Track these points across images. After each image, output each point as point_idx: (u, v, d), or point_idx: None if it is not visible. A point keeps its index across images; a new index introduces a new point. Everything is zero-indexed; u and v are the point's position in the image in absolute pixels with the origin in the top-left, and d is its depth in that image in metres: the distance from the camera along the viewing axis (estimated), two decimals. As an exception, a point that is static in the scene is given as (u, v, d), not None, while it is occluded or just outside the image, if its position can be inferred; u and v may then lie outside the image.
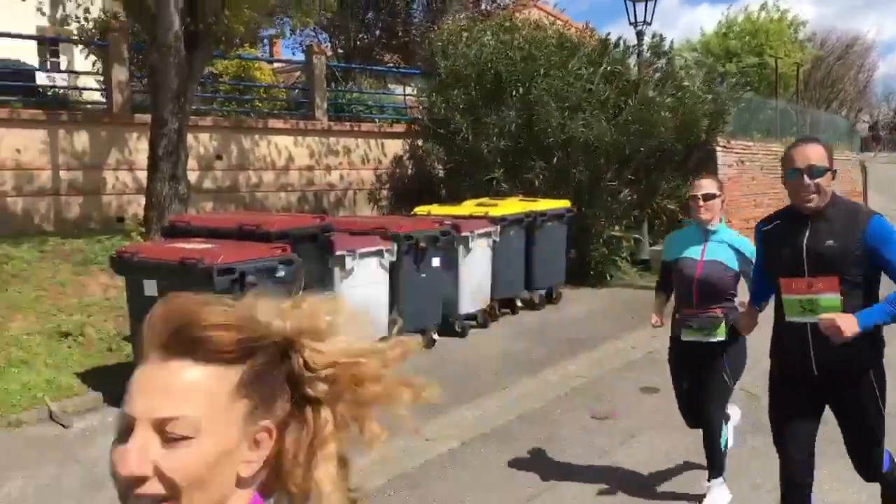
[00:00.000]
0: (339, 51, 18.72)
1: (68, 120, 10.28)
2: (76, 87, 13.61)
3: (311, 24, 16.13)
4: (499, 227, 8.92)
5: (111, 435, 1.01)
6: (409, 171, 13.89)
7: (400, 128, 14.07)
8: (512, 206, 9.59)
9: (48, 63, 19.45)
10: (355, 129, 13.63)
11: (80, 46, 14.38)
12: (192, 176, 10.13)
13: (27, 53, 16.16)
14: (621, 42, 12.33)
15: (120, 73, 10.83)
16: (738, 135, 15.32)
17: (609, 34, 12.93)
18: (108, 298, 7.86)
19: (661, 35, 12.97)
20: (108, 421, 5.87)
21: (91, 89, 13.08)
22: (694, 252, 4.18)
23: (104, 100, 11.48)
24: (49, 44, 18.94)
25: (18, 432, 5.70)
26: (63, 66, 19.39)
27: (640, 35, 12.75)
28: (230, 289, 5.60)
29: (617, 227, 11.67)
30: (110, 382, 6.46)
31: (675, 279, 4.29)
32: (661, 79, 12.12)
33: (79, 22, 12.35)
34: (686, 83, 11.99)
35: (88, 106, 12.00)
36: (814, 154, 3.13)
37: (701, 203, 4.16)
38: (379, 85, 17.61)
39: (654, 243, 11.99)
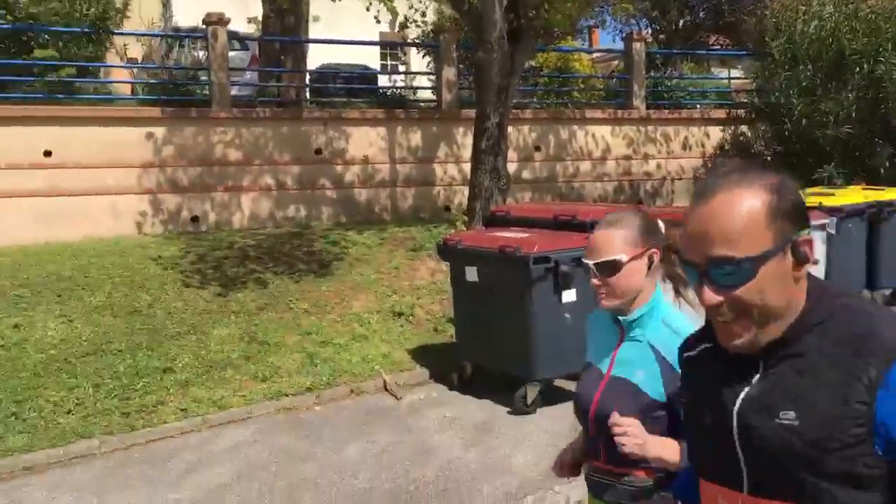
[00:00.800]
0: (661, 36, 18.24)
1: (405, 118, 11.24)
2: (411, 87, 14.80)
3: (630, 10, 15.92)
4: (835, 218, 8.10)
5: (437, 408, 1.06)
6: (733, 159, 13.13)
7: (723, 113, 13.36)
8: (852, 195, 8.66)
9: (388, 66, 21.46)
10: (675, 116, 13.21)
11: (416, 49, 15.63)
12: (512, 167, 10.53)
13: (371, 58, 17.97)
14: None
15: (449, 73, 11.59)
16: None
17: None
18: (435, 282, 8.47)
19: None
20: (433, 396, 6.37)
21: (423, 88, 14.15)
22: (601, 360, 2.20)
23: (435, 98, 12.36)
24: (389, 48, 20.84)
25: (360, 400, 6.38)
26: (401, 69, 21.24)
27: None
28: (544, 276, 5.75)
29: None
30: (435, 360, 6.98)
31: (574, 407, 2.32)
32: None
33: (416, 26, 13.39)
34: None
35: (421, 104, 12.99)
36: (719, 232, 1.29)
37: (595, 280, 2.13)
38: (701, 69, 16.87)
39: None
